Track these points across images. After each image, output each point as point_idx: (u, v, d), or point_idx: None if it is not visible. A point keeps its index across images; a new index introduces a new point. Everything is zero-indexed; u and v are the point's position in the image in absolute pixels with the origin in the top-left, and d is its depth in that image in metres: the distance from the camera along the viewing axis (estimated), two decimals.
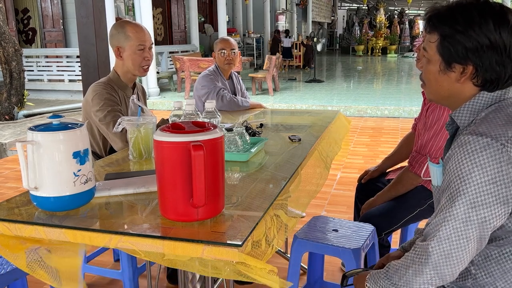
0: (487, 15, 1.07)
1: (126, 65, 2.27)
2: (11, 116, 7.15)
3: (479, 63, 1.09)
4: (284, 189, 1.54)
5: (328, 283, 2.32)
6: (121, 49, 2.24)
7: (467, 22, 1.08)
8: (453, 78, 1.14)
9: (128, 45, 2.23)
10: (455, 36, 1.09)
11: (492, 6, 1.09)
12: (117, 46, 2.24)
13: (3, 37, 6.88)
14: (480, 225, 1.04)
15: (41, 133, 1.27)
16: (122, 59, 2.26)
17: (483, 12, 1.08)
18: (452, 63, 1.12)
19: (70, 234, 1.23)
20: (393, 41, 24.80)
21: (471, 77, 1.12)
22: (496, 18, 1.07)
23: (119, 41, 2.24)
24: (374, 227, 1.97)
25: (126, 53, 2.24)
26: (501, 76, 1.10)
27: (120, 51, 2.24)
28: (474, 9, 1.09)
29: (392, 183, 2.08)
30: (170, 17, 13.71)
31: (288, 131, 2.55)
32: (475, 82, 1.13)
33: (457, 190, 1.05)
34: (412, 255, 1.12)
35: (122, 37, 2.23)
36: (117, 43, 2.24)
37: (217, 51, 3.15)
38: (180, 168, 1.17)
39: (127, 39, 2.23)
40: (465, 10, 1.09)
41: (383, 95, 9.31)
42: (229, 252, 1.10)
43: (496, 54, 1.08)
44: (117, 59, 2.27)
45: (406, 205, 2.02)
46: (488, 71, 1.09)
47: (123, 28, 2.24)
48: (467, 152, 1.04)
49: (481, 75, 1.11)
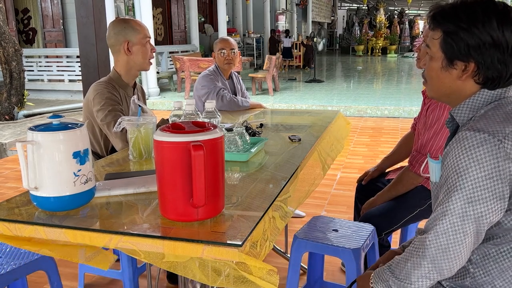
0: (491, 13, 1.08)
1: (135, 60, 2.27)
2: (11, 116, 7.15)
3: (481, 60, 1.10)
4: (284, 189, 1.54)
5: (328, 283, 2.32)
6: (130, 43, 2.24)
7: (471, 19, 1.09)
8: (454, 75, 1.15)
9: (137, 37, 2.24)
10: (458, 33, 1.10)
11: (496, 5, 1.10)
12: (126, 40, 2.23)
13: (3, 37, 6.88)
14: (476, 220, 1.05)
15: (41, 133, 1.27)
16: (130, 54, 2.25)
17: (487, 10, 1.08)
18: (454, 60, 1.13)
19: (70, 234, 1.23)
20: (393, 41, 24.80)
21: (473, 74, 1.13)
22: (499, 16, 1.08)
23: (127, 36, 2.23)
24: (374, 227, 1.97)
25: (136, 46, 2.25)
26: (503, 75, 1.11)
27: (129, 46, 2.24)
28: (478, 7, 1.09)
29: (392, 183, 2.08)
30: (170, 17, 13.71)
31: (288, 131, 2.55)
32: (477, 79, 1.13)
33: (454, 185, 1.06)
34: (411, 248, 1.14)
35: (130, 31, 2.23)
36: (124, 38, 2.23)
37: (216, 51, 3.15)
38: (180, 168, 1.17)
39: (135, 32, 2.24)
40: (469, 8, 1.10)
41: (383, 95, 9.31)
42: (229, 252, 1.10)
43: (498, 52, 1.08)
44: (125, 55, 2.26)
45: (406, 205, 2.02)
46: (490, 69, 1.10)
47: (128, 23, 2.25)
48: (465, 147, 1.05)
49: (483, 72, 1.11)
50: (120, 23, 2.27)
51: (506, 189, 1.04)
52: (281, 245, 2.85)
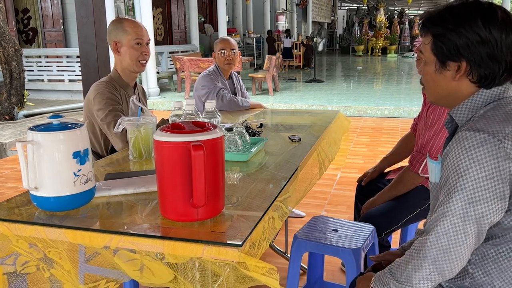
0: (475, 13, 1.11)
1: (124, 60, 2.27)
2: (11, 116, 7.15)
3: (472, 58, 1.11)
4: (284, 189, 1.54)
5: (328, 283, 2.32)
6: (118, 43, 2.25)
7: (457, 21, 1.12)
8: (449, 77, 1.16)
9: (126, 39, 2.24)
10: (446, 35, 1.13)
11: (480, 4, 1.12)
12: (115, 40, 2.26)
13: (3, 37, 6.88)
14: (477, 221, 1.05)
15: (41, 133, 1.27)
16: (119, 54, 2.27)
17: (471, 11, 1.12)
18: (446, 61, 1.15)
19: (70, 234, 1.23)
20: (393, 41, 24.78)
21: (467, 73, 1.14)
22: (484, 15, 1.10)
23: (116, 36, 2.25)
24: (374, 227, 1.97)
25: (124, 48, 2.25)
26: (495, 71, 1.12)
27: (117, 46, 2.26)
28: (463, 9, 1.13)
29: (393, 183, 2.08)
30: (170, 17, 13.71)
31: (288, 131, 2.55)
32: (471, 78, 1.14)
33: (455, 186, 1.06)
34: (411, 250, 1.14)
35: (119, 32, 2.25)
36: (114, 38, 2.26)
37: (217, 51, 3.15)
38: (180, 168, 1.17)
39: (125, 33, 2.24)
40: (454, 10, 1.14)
41: (383, 95, 9.31)
42: (229, 252, 1.10)
43: (487, 48, 1.10)
44: (115, 55, 2.28)
45: (406, 205, 2.02)
46: (482, 66, 1.12)
47: (121, 23, 2.26)
48: (465, 148, 1.05)
49: (476, 70, 1.13)
50: (114, 23, 2.29)
51: (507, 189, 1.04)
52: (281, 245, 2.85)
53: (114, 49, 2.26)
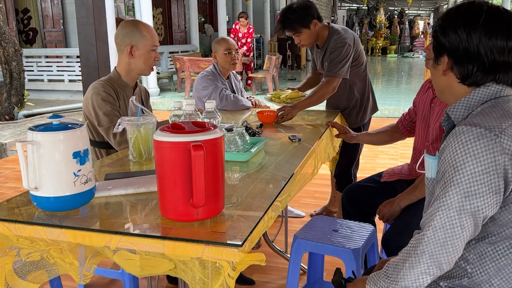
0: (460, 15, 1.16)
1: (136, 64, 2.25)
2: (11, 116, 7.15)
3: (451, 55, 1.17)
4: (284, 189, 1.54)
5: (328, 283, 2.32)
6: (134, 47, 2.21)
7: (446, 20, 1.19)
8: (440, 71, 1.22)
9: (143, 44, 2.21)
10: (437, 32, 1.20)
11: (469, 8, 1.16)
12: (131, 44, 2.21)
13: (3, 37, 6.88)
14: (473, 214, 1.06)
15: (41, 133, 1.27)
16: (133, 58, 2.23)
17: (459, 12, 1.17)
18: (438, 56, 1.22)
19: (70, 234, 1.23)
20: (393, 41, 24.77)
21: (450, 69, 1.19)
22: (466, 19, 1.14)
23: (133, 40, 2.21)
24: (374, 227, 1.97)
25: (140, 52, 2.22)
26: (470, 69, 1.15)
27: (133, 50, 2.21)
28: (455, 10, 1.19)
29: (413, 186, 2.00)
30: (170, 17, 13.71)
31: (288, 131, 2.55)
32: (456, 75, 1.18)
33: (451, 180, 1.07)
34: (408, 248, 1.14)
35: (137, 36, 2.21)
36: (130, 41, 2.21)
37: (221, 52, 3.12)
38: (180, 168, 1.17)
39: (143, 38, 2.21)
40: (450, 11, 1.21)
41: (383, 95, 9.30)
42: (229, 252, 1.10)
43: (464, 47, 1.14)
44: (127, 57, 2.24)
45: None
46: (459, 63, 1.16)
47: (137, 27, 2.22)
48: (461, 142, 1.07)
49: (456, 67, 1.17)
50: (130, 25, 2.23)
51: (502, 183, 1.06)
52: (281, 245, 2.85)
53: (127, 52, 2.22)
